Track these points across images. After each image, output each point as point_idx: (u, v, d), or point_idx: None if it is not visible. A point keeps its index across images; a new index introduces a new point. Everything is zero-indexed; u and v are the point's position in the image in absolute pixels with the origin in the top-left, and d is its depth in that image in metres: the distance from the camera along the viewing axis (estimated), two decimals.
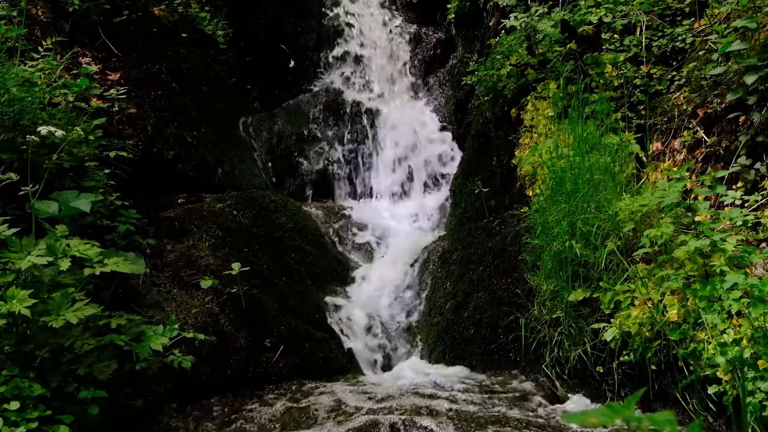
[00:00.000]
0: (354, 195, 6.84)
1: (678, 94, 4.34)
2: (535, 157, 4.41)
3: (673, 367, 3.26)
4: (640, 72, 4.62)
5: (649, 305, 3.35)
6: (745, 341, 2.92)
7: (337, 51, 7.83)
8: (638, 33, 4.85)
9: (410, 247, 5.72)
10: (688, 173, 3.83)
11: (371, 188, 6.85)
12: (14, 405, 2.62)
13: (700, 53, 4.30)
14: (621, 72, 4.62)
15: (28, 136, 3.27)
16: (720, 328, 3.02)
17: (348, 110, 7.17)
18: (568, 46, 4.78)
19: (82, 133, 3.68)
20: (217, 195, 5.31)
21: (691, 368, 3.14)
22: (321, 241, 5.63)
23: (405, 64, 7.68)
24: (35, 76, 3.94)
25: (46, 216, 3.17)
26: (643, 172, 4.21)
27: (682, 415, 3.24)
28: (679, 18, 4.79)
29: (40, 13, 5.10)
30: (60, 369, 2.89)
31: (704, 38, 4.38)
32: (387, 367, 4.78)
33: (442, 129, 7.13)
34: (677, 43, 4.60)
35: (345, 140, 7.01)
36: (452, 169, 6.58)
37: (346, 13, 7.97)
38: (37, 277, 2.96)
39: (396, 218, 6.33)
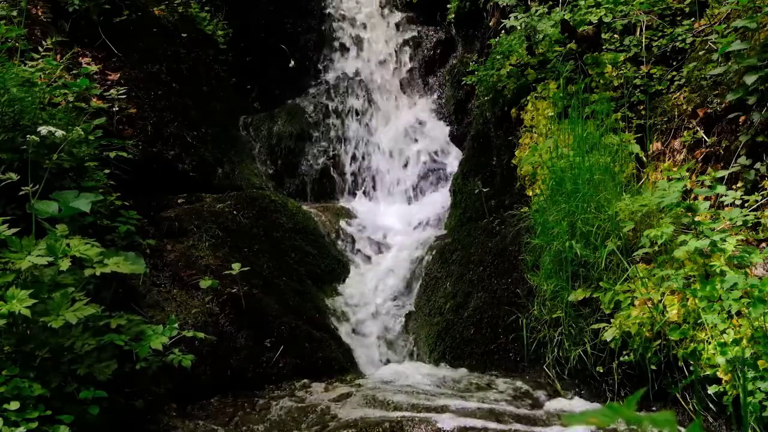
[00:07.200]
0: (354, 195, 6.84)
1: (678, 94, 4.34)
2: (535, 157, 4.41)
3: (673, 367, 3.26)
4: (640, 72, 4.61)
5: (649, 305, 3.34)
6: (745, 341, 2.92)
7: (337, 51, 7.84)
8: (638, 33, 4.84)
9: (410, 247, 5.72)
10: (688, 173, 3.83)
11: (371, 188, 6.86)
12: (14, 405, 2.62)
13: (700, 53, 4.30)
14: (621, 72, 4.62)
15: (28, 136, 3.27)
16: (720, 328, 3.02)
17: (348, 110, 7.17)
18: (568, 46, 4.78)
19: (82, 133, 3.67)
20: (217, 195, 5.31)
21: (691, 368, 3.14)
22: (321, 241, 5.63)
23: (405, 64, 7.68)
24: (35, 76, 3.94)
25: (46, 216, 3.17)
26: (643, 172, 4.21)
27: (682, 415, 3.23)
28: (679, 18, 4.79)
29: (40, 13, 5.10)
30: (60, 369, 2.89)
31: (704, 38, 4.38)
32: (387, 366, 4.78)
33: (442, 129, 7.13)
34: (677, 43, 4.60)
35: (345, 140, 7.02)
36: (452, 169, 6.58)
37: (347, 13, 7.98)
38: (37, 277, 2.95)
39: (395, 218, 6.33)
